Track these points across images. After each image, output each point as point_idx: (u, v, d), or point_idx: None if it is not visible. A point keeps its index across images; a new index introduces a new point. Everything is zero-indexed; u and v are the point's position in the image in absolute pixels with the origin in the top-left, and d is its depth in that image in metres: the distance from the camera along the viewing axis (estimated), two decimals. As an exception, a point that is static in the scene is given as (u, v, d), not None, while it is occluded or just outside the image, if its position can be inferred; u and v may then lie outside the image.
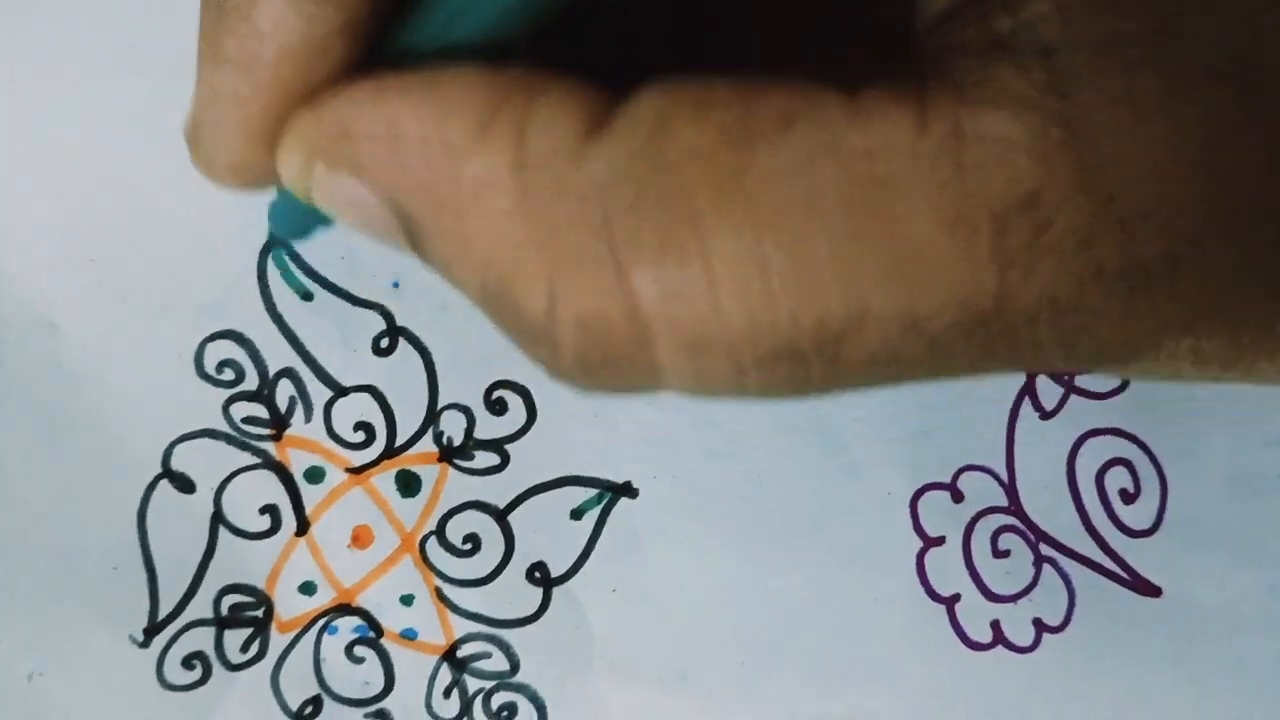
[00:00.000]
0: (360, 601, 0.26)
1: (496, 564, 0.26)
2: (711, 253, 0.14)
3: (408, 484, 0.26)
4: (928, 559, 0.27)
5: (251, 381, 0.26)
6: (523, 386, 0.26)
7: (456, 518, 0.26)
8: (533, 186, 0.14)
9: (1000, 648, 0.27)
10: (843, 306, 0.14)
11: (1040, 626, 0.27)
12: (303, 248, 0.26)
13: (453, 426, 0.26)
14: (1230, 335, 0.15)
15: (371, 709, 0.26)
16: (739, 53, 0.24)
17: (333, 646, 0.26)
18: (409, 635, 0.26)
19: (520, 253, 0.15)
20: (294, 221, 0.18)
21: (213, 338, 0.26)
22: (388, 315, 0.26)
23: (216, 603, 0.26)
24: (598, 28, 0.21)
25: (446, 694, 0.26)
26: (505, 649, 0.26)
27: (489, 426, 0.26)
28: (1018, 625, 0.27)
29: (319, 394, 0.26)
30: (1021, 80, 0.14)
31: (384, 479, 0.26)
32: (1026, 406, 0.28)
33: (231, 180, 0.17)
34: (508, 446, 0.26)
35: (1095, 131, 0.14)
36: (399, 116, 0.15)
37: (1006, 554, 0.27)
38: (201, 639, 0.26)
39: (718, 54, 0.23)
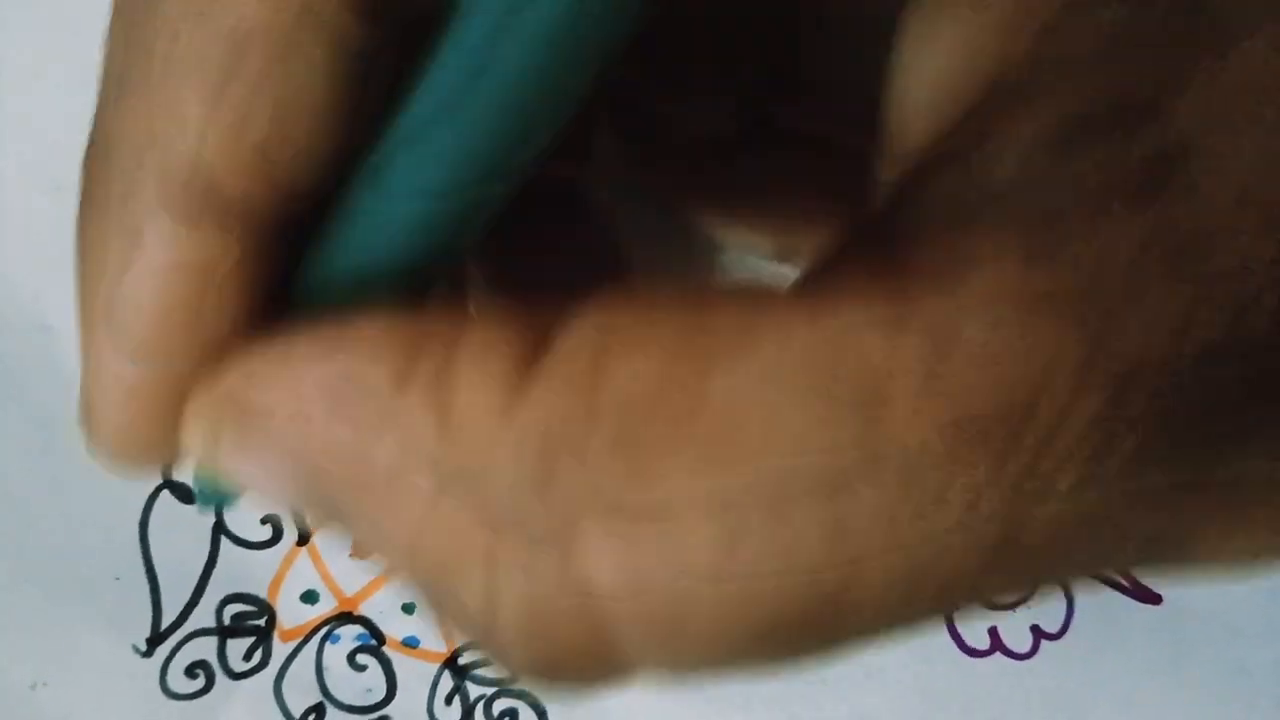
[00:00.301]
0: (362, 610, 0.26)
1: (497, 572, 0.26)
2: (672, 513, 0.12)
3: (408, 493, 0.26)
4: (927, 566, 0.27)
5: (252, 390, 0.26)
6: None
7: (457, 526, 0.26)
8: (459, 455, 0.12)
9: (998, 654, 0.27)
10: (835, 560, 0.12)
11: (1038, 634, 0.27)
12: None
13: (453, 435, 0.26)
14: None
15: (374, 716, 0.26)
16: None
17: (335, 654, 0.26)
18: (411, 643, 0.26)
19: (452, 535, 0.12)
20: (220, 491, 0.17)
21: (212, 347, 0.26)
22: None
23: (219, 612, 0.26)
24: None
25: (448, 700, 0.26)
26: (506, 656, 0.26)
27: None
28: (1016, 632, 0.27)
29: (319, 403, 0.26)
30: (1000, 258, 0.12)
31: (384, 488, 0.26)
32: (1028, 412, 0.28)
33: (136, 462, 0.15)
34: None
35: (1098, 312, 0.11)
36: (306, 380, 0.13)
37: (1006, 561, 0.27)
38: (204, 648, 0.26)
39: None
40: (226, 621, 0.26)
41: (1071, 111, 0.12)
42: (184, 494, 0.26)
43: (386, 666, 0.26)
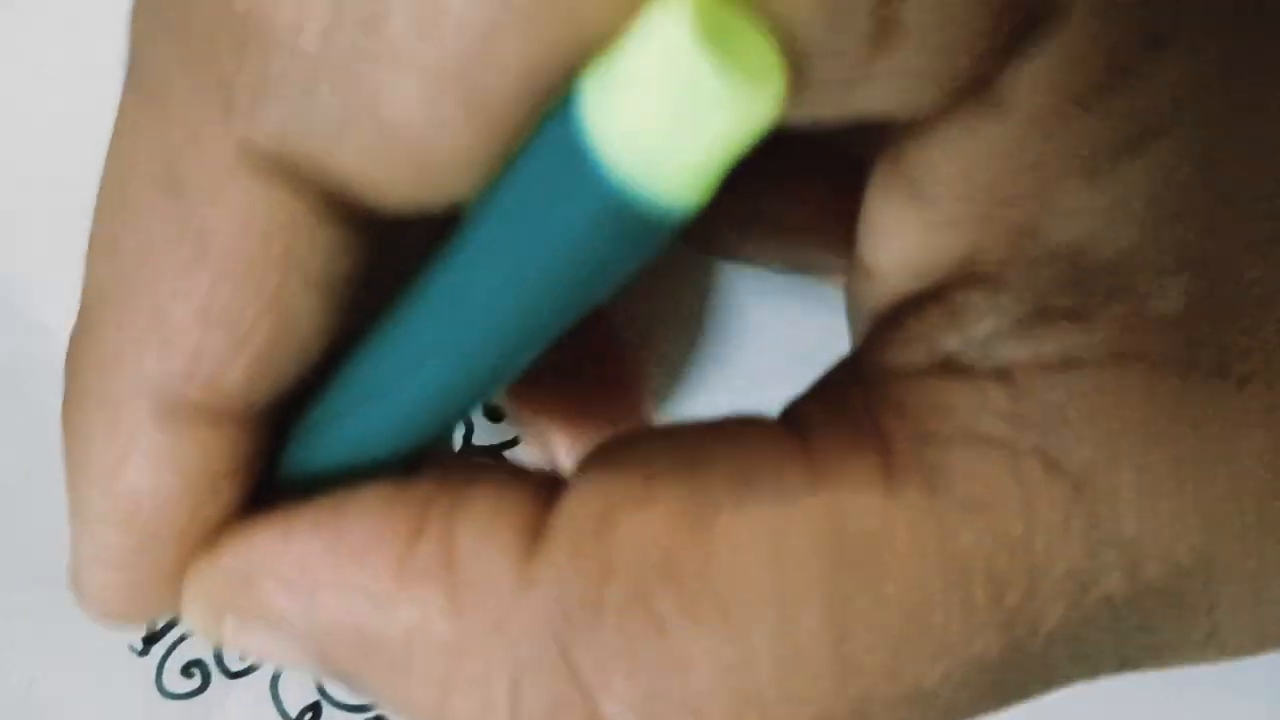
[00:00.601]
0: (359, 608, 0.26)
1: (494, 570, 0.26)
2: (688, 663, 0.12)
3: (406, 490, 0.26)
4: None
5: (249, 388, 0.26)
6: (520, 392, 0.26)
7: (454, 524, 0.26)
8: (473, 626, 0.13)
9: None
10: (844, 702, 0.12)
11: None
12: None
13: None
14: (1255, 623, 0.14)
15: (370, 714, 0.26)
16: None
17: (331, 653, 0.26)
18: (408, 641, 0.26)
19: (471, 704, 0.13)
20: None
21: (210, 345, 0.26)
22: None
23: (215, 610, 0.26)
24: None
25: (445, 700, 0.26)
26: (504, 654, 0.26)
27: (486, 433, 0.26)
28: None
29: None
30: (983, 410, 0.12)
31: (382, 485, 0.26)
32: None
33: (130, 624, 0.16)
34: (505, 454, 0.26)
35: (1075, 460, 0.12)
36: (308, 558, 0.13)
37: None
38: (200, 646, 0.26)
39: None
40: (223, 620, 0.26)
41: (1030, 306, 0.13)
42: (181, 492, 0.26)
43: (383, 665, 0.26)
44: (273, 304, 0.13)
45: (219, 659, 0.26)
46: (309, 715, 0.26)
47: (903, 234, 0.13)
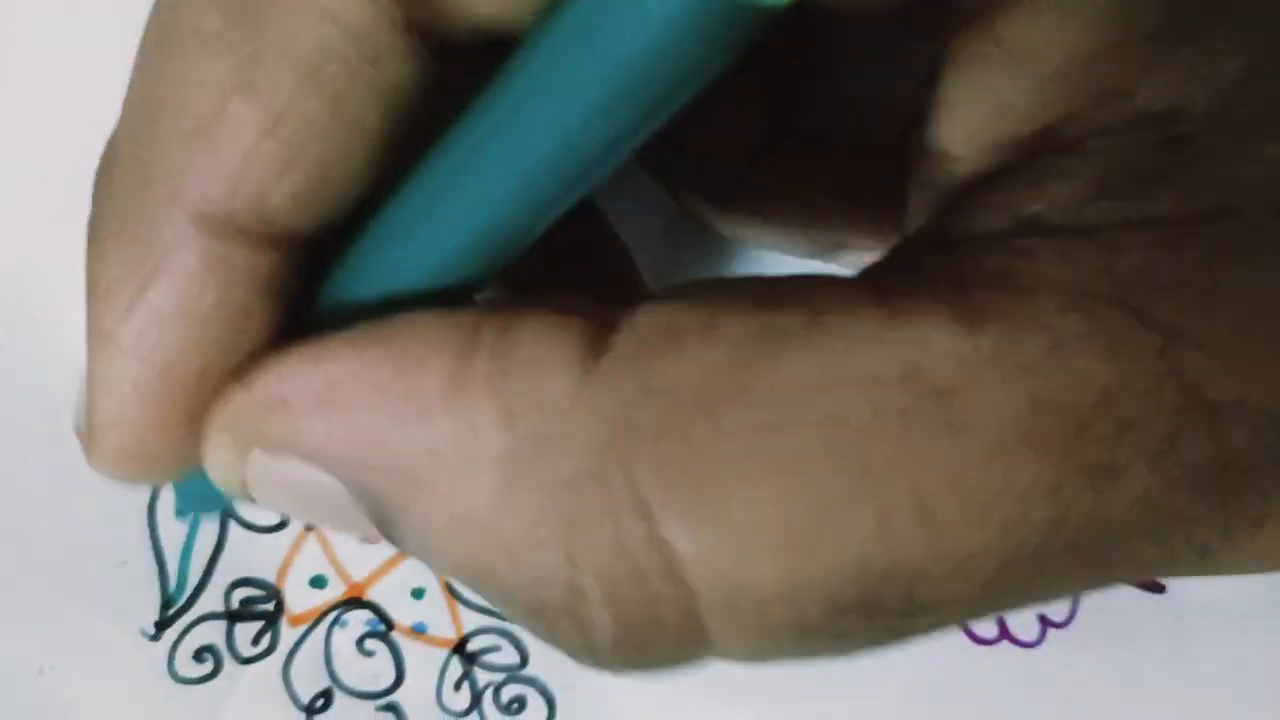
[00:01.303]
0: (371, 595, 0.26)
1: (506, 558, 0.26)
2: (755, 491, 0.12)
3: (418, 478, 0.26)
4: (934, 554, 0.27)
5: (261, 375, 0.26)
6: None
7: (466, 512, 0.26)
8: (529, 442, 0.12)
9: (1005, 643, 0.27)
10: (915, 542, 0.12)
11: (1045, 622, 0.27)
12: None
13: (463, 421, 0.26)
14: None
15: (382, 702, 0.26)
16: None
17: (343, 640, 0.26)
18: (419, 629, 0.26)
19: (523, 524, 0.12)
20: (205, 496, 0.16)
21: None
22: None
23: (227, 596, 0.26)
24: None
25: (457, 687, 0.26)
26: (515, 642, 0.26)
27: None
28: (1023, 621, 0.27)
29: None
30: (1069, 264, 0.12)
31: (394, 473, 0.26)
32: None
33: (139, 477, 0.15)
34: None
35: (1164, 314, 0.12)
36: (350, 375, 0.12)
37: (1012, 550, 0.28)
38: (212, 632, 0.26)
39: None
40: (235, 606, 0.26)
41: (1117, 169, 0.12)
42: (193, 478, 0.26)
43: (395, 652, 0.26)
44: (334, 113, 0.12)
45: (231, 645, 0.26)
46: (320, 701, 0.26)
47: (983, 109, 0.13)
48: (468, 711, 0.26)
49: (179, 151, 0.13)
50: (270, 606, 0.26)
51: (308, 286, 0.14)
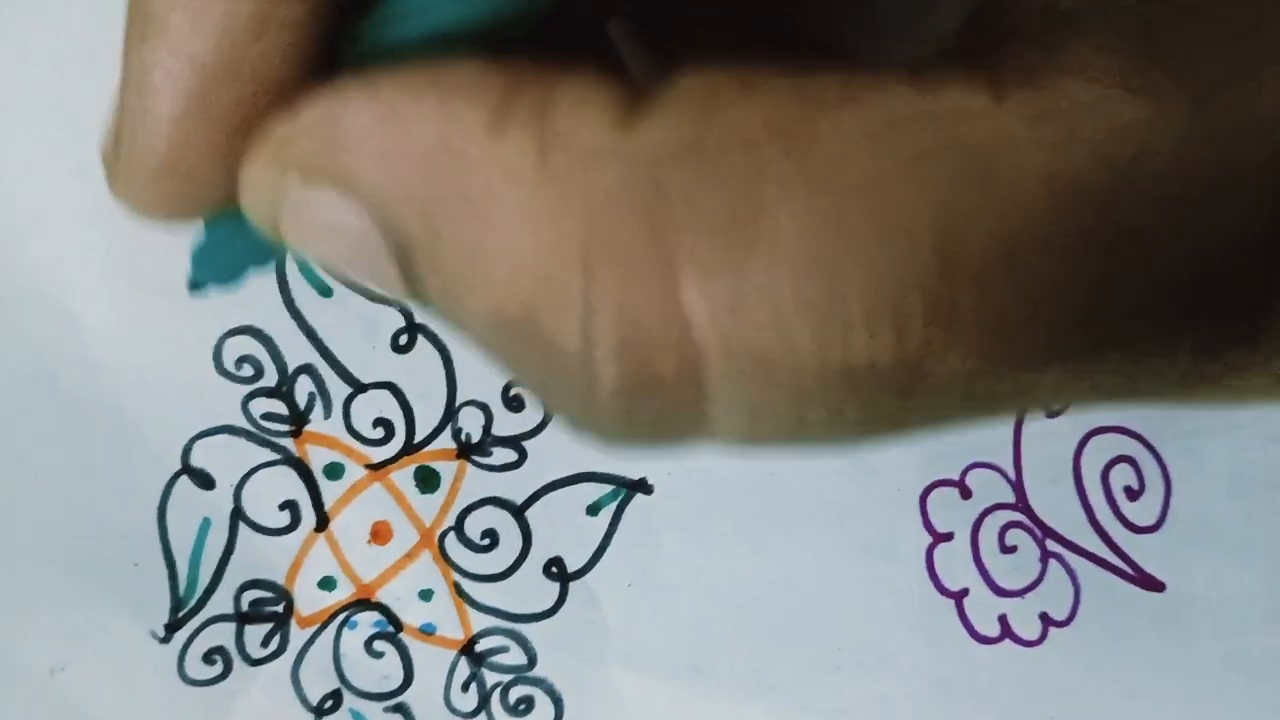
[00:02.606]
0: (380, 597, 0.26)
1: (514, 559, 0.27)
2: (782, 251, 0.12)
3: (426, 480, 0.26)
4: (937, 554, 0.28)
5: (271, 378, 0.26)
6: (539, 383, 0.27)
7: (475, 513, 0.26)
8: (563, 175, 0.12)
9: (1008, 641, 0.28)
10: (932, 309, 0.12)
11: (1047, 620, 0.28)
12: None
13: (471, 423, 0.26)
14: None
15: (391, 703, 0.26)
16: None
17: (352, 641, 0.26)
18: (428, 630, 0.26)
19: (548, 261, 0.12)
20: (224, 263, 0.16)
21: (232, 333, 0.26)
22: (406, 312, 0.26)
23: (237, 598, 0.26)
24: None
25: (465, 688, 0.26)
26: (523, 643, 0.26)
27: (506, 423, 0.27)
28: (1025, 619, 0.28)
29: (338, 390, 0.26)
30: (1100, 26, 0.12)
31: (403, 475, 0.26)
32: (1033, 404, 0.28)
33: (162, 211, 0.14)
34: (525, 443, 0.27)
35: (1198, 72, 0.12)
36: (396, 110, 0.12)
37: (1014, 549, 0.28)
38: (222, 634, 0.26)
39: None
40: (244, 607, 0.26)
41: None
42: (203, 480, 0.26)
43: (403, 653, 0.26)
44: None
45: (241, 646, 0.26)
46: (329, 703, 0.26)
47: None
48: (475, 712, 0.26)
49: None
50: (280, 608, 0.26)
51: (340, 29, 0.14)
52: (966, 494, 0.28)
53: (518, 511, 0.27)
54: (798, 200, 0.12)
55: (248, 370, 0.26)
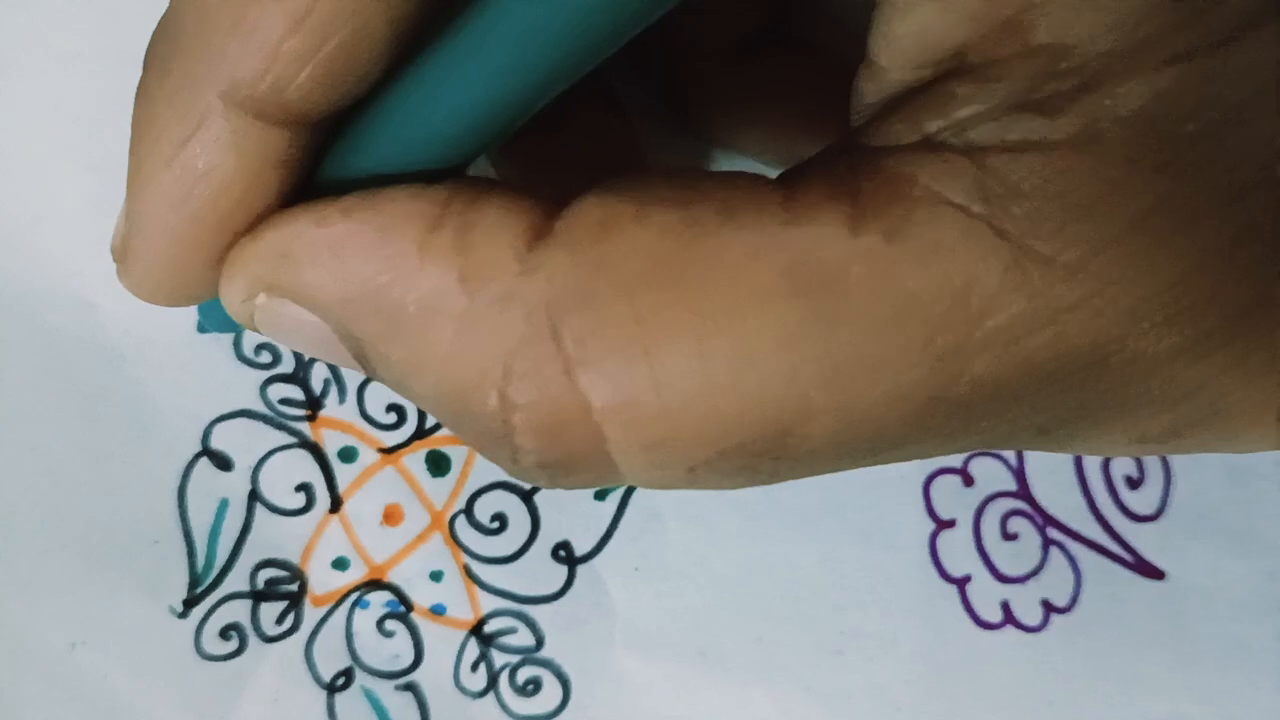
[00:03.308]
0: (391, 577, 0.27)
1: (523, 542, 0.27)
2: (656, 356, 0.14)
3: (438, 464, 0.27)
4: (939, 541, 0.28)
5: (288, 364, 0.27)
6: (548, 372, 0.27)
7: (485, 497, 0.27)
8: (479, 299, 0.15)
9: (1010, 627, 0.28)
10: (785, 406, 0.14)
11: (1048, 607, 0.28)
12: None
13: (481, 409, 0.27)
14: (1170, 415, 0.15)
15: (401, 681, 0.27)
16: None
17: (364, 620, 0.27)
18: (438, 610, 0.27)
19: (472, 365, 0.15)
20: (225, 318, 0.18)
21: (251, 321, 0.27)
22: (419, 301, 0.27)
23: (253, 576, 0.26)
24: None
25: (474, 668, 0.27)
26: (531, 625, 0.27)
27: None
28: (1027, 606, 0.28)
29: (352, 376, 0.27)
30: (950, 179, 0.14)
31: (414, 459, 0.27)
32: (1034, 396, 0.29)
33: (161, 302, 0.17)
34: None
35: (1023, 230, 0.14)
36: (340, 237, 0.15)
37: (1016, 537, 0.28)
38: (238, 611, 0.26)
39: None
40: (260, 586, 0.27)
41: (1008, 97, 0.14)
42: (221, 462, 0.27)
43: (414, 633, 0.27)
44: (351, 13, 0.14)
45: (256, 624, 0.27)
46: (341, 680, 0.27)
47: (910, 28, 0.15)
48: (484, 692, 0.27)
49: (217, 37, 0.15)
50: (294, 587, 0.27)
51: (319, 158, 0.17)
52: (969, 481, 0.28)
53: (527, 496, 0.27)
54: (672, 322, 0.14)
55: (266, 357, 0.27)
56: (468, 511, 0.27)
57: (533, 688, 0.27)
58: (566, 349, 0.14)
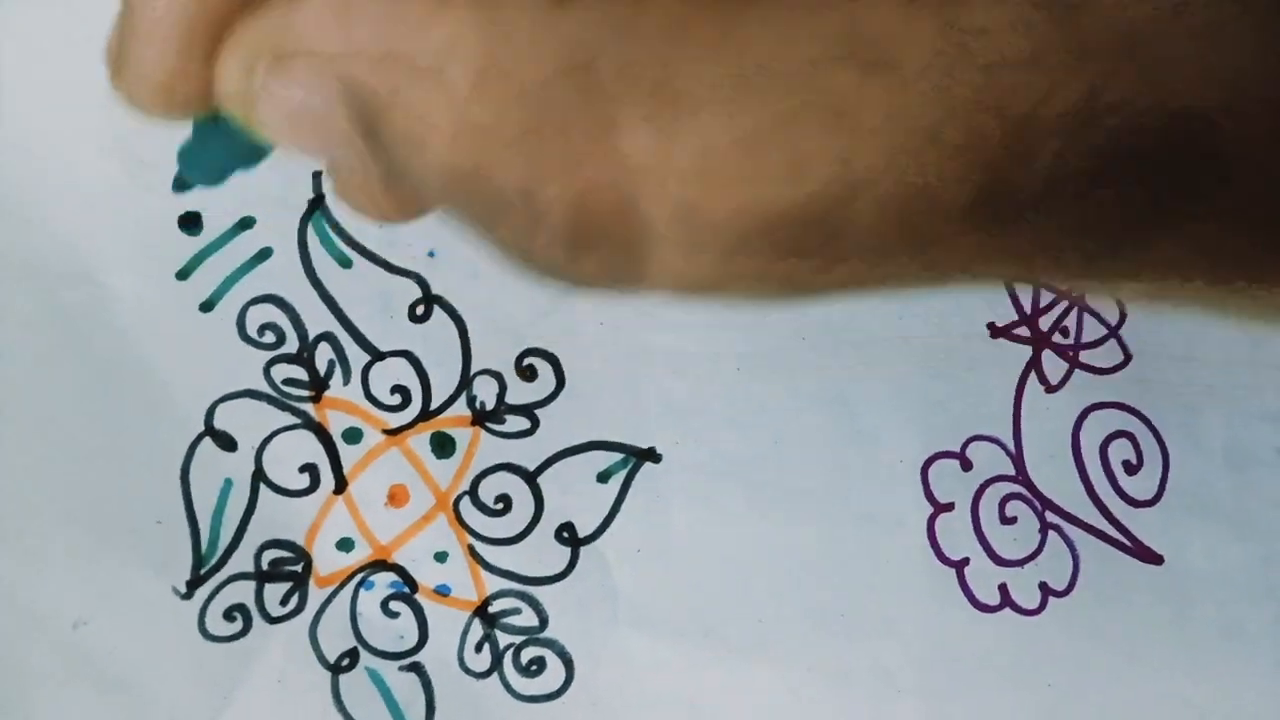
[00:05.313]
0: (396, 558, 0.27)
1: (527, 524, 0.27)
2: (698, 109, 0.13)
3: (442, 445, 0.27)
4: (938, 524, 0.28)
5: (292, 345, 0.27)
6: (552, 354, 0.27)
7: (489, 479, 0.27)
8: (505, 48, 0.13)
9: (1007, 610, 0.28)
10: (835, 180, 0.13)
11: (1046, 590, 0.28)
12: (342, 216, 0.27)
13: (485, 391, 0.27)
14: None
15: (406, 661, 0.27)
16: None
17: (369, 601, 0.27)
18: (442, 591, 0.27)
19: (494, 126, 0.13)
20: (209, 163, 0.17)
21: (255, 301, 0.27)
22: (423, 283, 0.27)
23: (258, 557, 0.27)
24: None
25: (478, 648, 0.27)
26: (535, 605, 0.27)
27: (520, 392, 0.27)
28: (1024, 589, 0.28)
29: (357, 358, 0.27)
30: None
31: (419, 440, 0.27)
32: (1032, 380, 0.29)
33: (157, 104, 0.16)
34: (538, 411, 0.27)
35: (1083, 17, 0.13)
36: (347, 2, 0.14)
37: (1014, 520, 0.28)
38: (243, 592, 0.26)
39: None
40: (265, 566, 0.27)
41: None
42: (225, 442, 0.27)
43: (419, 614, 0.27)
44: None
45: (261, 604, 0.27)
46: (346, 660, 0.27)
47: None
48: (488, 672, 0.27)
49: None
50: (299, 568, 0.27)
51: None
52: (967, 465, 0.29)
53: (530, 477, 0.27)
54: (717, 86, 0.13)
55: (270, 337, 0.27)
56: (472, 493, 0.27)
57: (536, 668, 0.27)
58: (603, 105, 0.13)
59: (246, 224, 0.27)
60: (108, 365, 0.26)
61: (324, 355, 0.27)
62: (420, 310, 0.27)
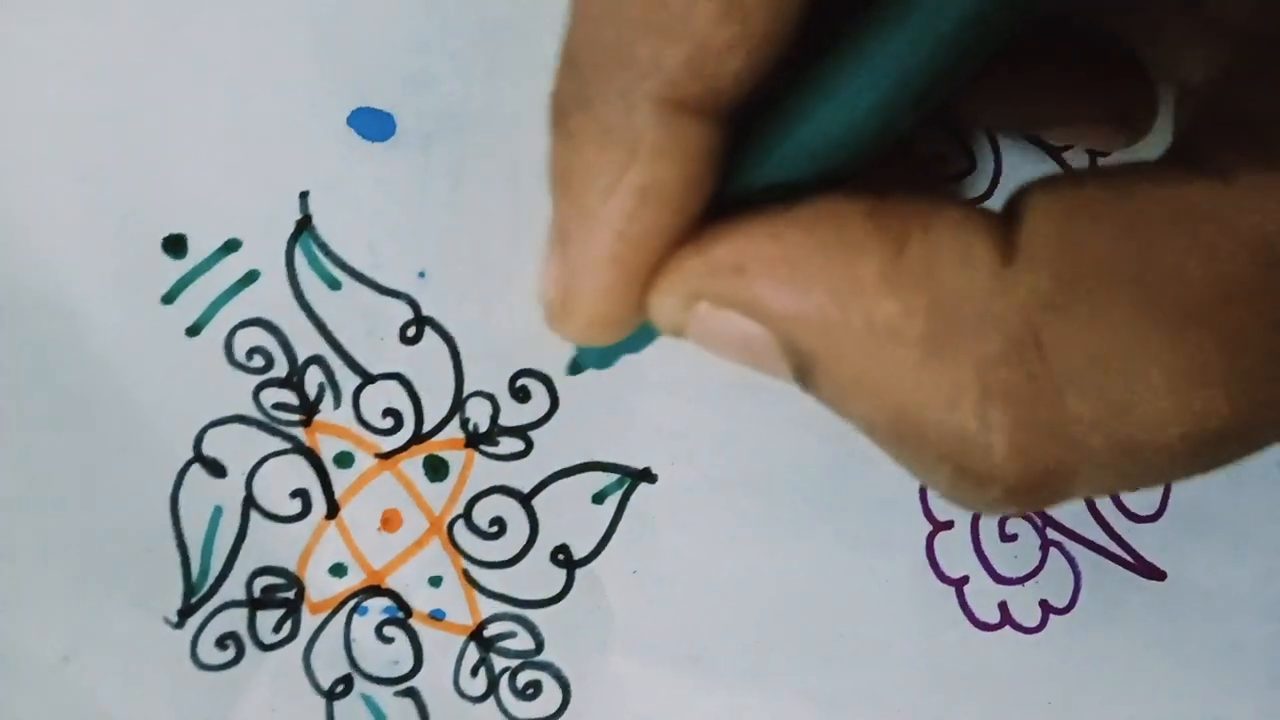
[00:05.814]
0: (390, 583, 0.27)
1: (521, 546, 0.27)
2: (1147, 363, 0.14)
3: (435, 469, 0.27)
4: (937, 542, 0.28)
5: (281, 368, 0.26)
6: (545, 375, 0.27)
7: (483, 502, 0.27)
8: (950, 325, 0.14)
9: (1008, 628, 0.28)
10: (1272, 394, 0.14)
11: (1047, 608, 0.28)
12: (330, 237, 0.27)
13: (478, 413, 0.27)
14: None
15: (401, 687, 0.27)
16: None
17: (363, 627, 0.27)
18: (437, 615, 0.27)
19: (940, 391, 0.14)
20: (609, 353, 0.19)
21: (243, 325, 0.26)
22: (414, 305, 0.27)
23: (249, 585, 0.26)
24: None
25: (474, 672, 0.27)
26: (530, 629, 0.27)
27: (513, 414, 0.27)
28: (1025, 606, 0.28)
29: (347, 381, 0.27)
30: None
31: (412, 464, 0.27)
32: (1034, 394, 0.29)
33: (598, 339, 0.17)
34: (531, 433, 0.27)
35: None
36: (800, 252, 0.15)
37: (1014, 538, 0.28)
38: (235, 620, 0.26)
39: None
40: (256, 594, 0.26)
41: None
42: (214, 469, 0.26)
43: (413, 639, 0.27)
44: None
45: (253, 632, 0.26)
46: (340, 687, 0.26)
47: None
48: (484, 696, 0.27)
49: (643, 43, 0.14)
50: (291, 594, 0.26)
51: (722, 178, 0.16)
52: (967, 483, 0.28)
53: (525, 500, 0.27)
54: (1158, 325, 0.14)
55: (259, 361, 0.26)
56: (466, 516, 0.27)
57: (533, 691, 0.27)
58: (1050, 369, 0.14)
59: (232, 246, 0.26)
60: (91, 394, 0.26)
61: (314, 379, 0.26)
62: (411, 332, 0.27)
